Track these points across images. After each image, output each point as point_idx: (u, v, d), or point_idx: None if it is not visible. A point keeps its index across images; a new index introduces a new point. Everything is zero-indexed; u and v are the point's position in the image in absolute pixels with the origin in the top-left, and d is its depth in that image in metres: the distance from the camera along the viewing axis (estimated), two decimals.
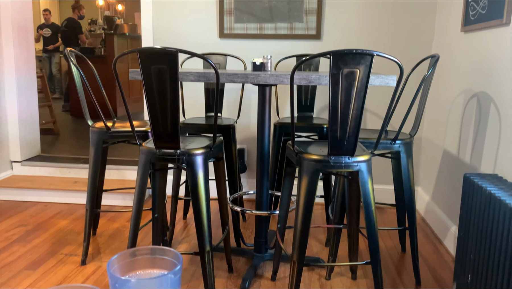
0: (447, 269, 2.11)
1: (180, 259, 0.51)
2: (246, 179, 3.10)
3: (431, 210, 2.61)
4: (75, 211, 2.82)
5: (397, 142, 1.95)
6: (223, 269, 2.13)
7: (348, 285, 1.98)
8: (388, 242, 2.41)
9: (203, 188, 1.74)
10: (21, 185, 2.96)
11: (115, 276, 0.49)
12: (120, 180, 3.08)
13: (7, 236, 2.42)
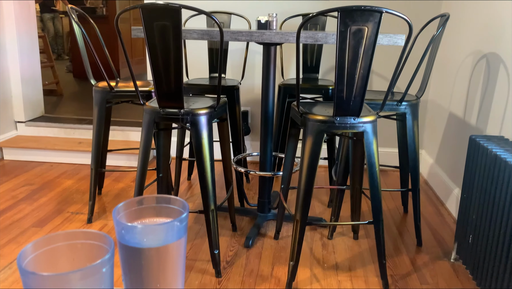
0: (448, 231, 2.13)
1: (186, 207, 0.51)
2: (249, 141, 3.10)
3: (435, 173, 2.62)
4: (80, 171, 2.84)
5: (403, 103, 1.93)
6: (227, 228, 2.16)
7: (349, 244, 2.01)
8: (390, 203, 2.43)
9: (207, 148, 1.74)
10: (26, 145, 2.97)
11: (121, 222, 0.49)
12: (124, 141, 3.09)
13: (14, 194, 2.45)
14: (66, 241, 0.47)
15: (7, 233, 2.05)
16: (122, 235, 0.50)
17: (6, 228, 2.09)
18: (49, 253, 0.45)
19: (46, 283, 0.40)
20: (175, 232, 0.51)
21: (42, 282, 0.40)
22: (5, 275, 1.74)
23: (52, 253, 0.46)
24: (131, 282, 0.53)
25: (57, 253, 0.46)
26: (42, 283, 0.41)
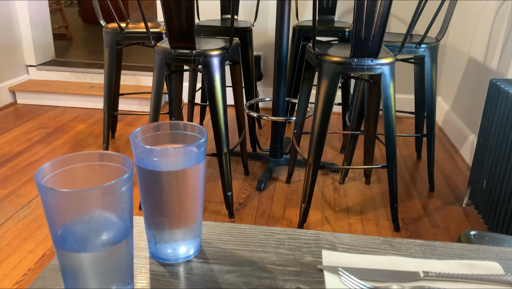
0: (461, 177, 2.12)
1: (205, 133, 0.49)
2: (262, 87, 3.05)
3: (450, 119, 2.57)
4: (93, 115, 2.85)
5: (422, 46, 1.86)
6: (239, 172, 2.17)
7: (361, 189, 2.02)
8: (403, 150, 2.41)
9: (219, 91, 1.71)
10: (38, 89, 2.97)
11: (140, 145, 0.48)
12: (135, 86, 3.06)
13: (28, 137, 2.48)
14: (83, 162, 0.46)
15: (24, 173, 2.08)
16: (141, 158, 0.50)
17: (23, 169, 2.13)
18: (67, 174, 0.45)
19: (66, 199, 0.40)
20: (194, 156, 0.50)
21: (61, 198, 0.40)
22: (25, 213, 1.79)
23: (70, 174, 0.45)
24: (150, 206, 0.53)
25: (75, 174, 0.45)
26: (61, 199, 0.40)
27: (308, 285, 0.51)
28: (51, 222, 0.42)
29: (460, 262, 0.54)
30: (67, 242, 0.42)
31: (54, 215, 0.41)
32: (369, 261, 0.54)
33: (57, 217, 0.42)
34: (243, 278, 0.52)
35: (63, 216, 0.42)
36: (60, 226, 0.42)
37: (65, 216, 0.42)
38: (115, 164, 0.46)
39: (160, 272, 0.53)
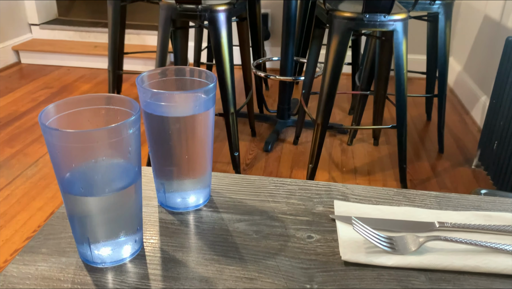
0: (471, 139, 2.10)
1: (214, 78, 0.47)
2: (269, 47, 2.99)
3: (462, 80, 2.52)
4: (98, 75, 2.81)
5: (436, 2, 1.79)
6: (246, 133, 2.16)
7: (369, 150, 2.00)
8: (413, 111, 2.37)
9: (226, 48, 1.67)
10: (42, 48, 2.93)
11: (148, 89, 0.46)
12: (140, 45, 3.01)
13: (34, 97, 2.46)
14: (89, 105, 0.44)
15: (31, 133, 2.08)
16: (148, 104, 0.48)
17: (30, 129, 2.12)
18: (72, 116, 0.43)
19: (71, 140, 0.38)
20: (203, 102, 0.48)
21: (66, 140, 0.38)
22: (32, 172, 1.79)
23: (74, 117, 0.43)
24: (158, 155, 0.51)
25: (80, 117, 0.44)
26: (66, 141, 0.38)
27: (320, 234, 0.50)
28: (57, 165, 0.41)
29: (476, 213, 0.53)
30: (74, 186, 0.41)
31: (60, 157, 0.40)
32: (382, 211, 0.53)
33: (63, 160, 0.40)
34: (254, 226, 0.51)
35: (69, 159, 0.40)
36: (66, 169, 0.41)
37: (71, 159, 0.40)
38: (122, 108, 0.44)
39: (169, 220, 0.52)
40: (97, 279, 0.43)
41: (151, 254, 0.47)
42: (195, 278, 0.44)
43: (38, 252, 0.47)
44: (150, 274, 0.44)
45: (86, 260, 0.45)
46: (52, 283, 0.43)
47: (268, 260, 0.46)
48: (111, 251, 0.45)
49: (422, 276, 0.44)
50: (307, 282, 0.43)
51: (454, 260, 0.45)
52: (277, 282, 0.43)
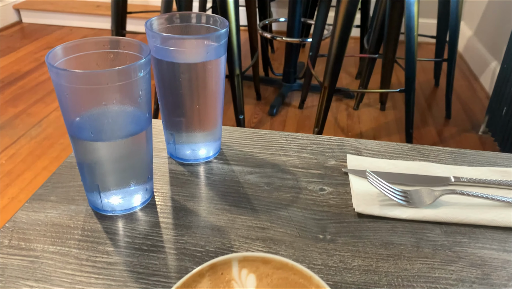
0: (479, 105, 2.07)
1: (226, 24, 0.45)
2: (276, 8, 2.91)
3: (472, 45, 2.46)
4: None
5: None
6: (251, 96, 2.13)
7: (375, 115, 1.98)
8: (421, 76, 2.33)
9: (232, 8, 1.62)
10: (43, 7, 2.86)
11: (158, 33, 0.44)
12: (144, 5, 2.94)
13: (36, 57, 2.43)
14: (98, 49, 0.42)
15: (34, 93, 2.06)
16: (158, 49, 0.46)
17: (33, 89, 2.10)
18: (80, 60, 0.41)
19: (80, 82, 0.37)
20: (214, 49, 0.46)
21: (75, 80, 0.37)
22: (36, 131, 1.79)
23: (82, 60, 0.42)
24: (168, 105, 0.50)
25: (88, 61, 0.42)
26: (75, 82, 0.37)
27: (332, 186, 0.49)
28: (66, 109, 0.39)
29: (492, 169, 0.51)
30: (84, 131, 0.40)
31: (68, 101, 0.38)
32: (396, 166, 0.52)
33: (72, 104, 0.39)
34: (265, 178, 0.50)
35: (78, 102, 0.39)
36: (75, 114, 0.40)
37: (80, 102, 0.39)
38: (131, 52, 0.42)
39: (179, 171, 0.51)
40: (107, 226, 0.43)
41: (161, 203, 0.46)
42: (207, 227, 0.43)
43: (47, 199, 0.46)
44: (161, 222, 0.44)
45: (96, 208, 0.44)
46: (62, 230, 0.42)
47: (280, 211, 0.45)
48: (121, 199, 0.44)
49: (437, 229, 0.43)
50: (320, 232, 0.43)
51: (470, 213, 0.44)
52: (290, 231, 0.43)
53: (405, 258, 0.40)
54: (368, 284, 0.37)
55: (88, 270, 0.38)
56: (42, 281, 0.37)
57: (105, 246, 0.40)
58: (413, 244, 0.41)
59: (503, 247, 0.41)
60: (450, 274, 0.38)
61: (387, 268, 0.39)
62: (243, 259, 0.30)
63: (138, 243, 0.41)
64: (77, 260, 0.39)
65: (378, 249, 0.41)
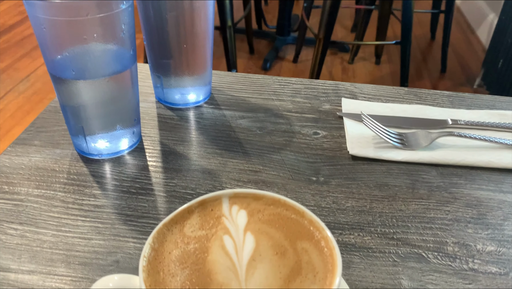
0: (475, 58, 2.04)
1: None
2: None
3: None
4: None
5: None
6: (244, 50, 2.08)
7: (370, 69, 1.95)
8: (417, 30, 2.28)
9: None
10: None
11: None
12: None
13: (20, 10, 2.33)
14: None
15: (20, 47, 2.00)
16: None
17: (19, 43, 2.04)
18: None
19: (58, 13, 0.34)
20: None
21: (53, 12, 0.34)
22: (24, 86, 1.74)
23: None
24: (154, 45, 0.47)
25: None
26: (53, 13, 0.34)
27: (326, 130, 0.48)
28: (45, 46, 0.37)
29: (490, 112, 0.50)
30: (65, 68, 0.38)
31: (47, 36, 0.36)
32: (392, 109, 0.50)
33: (51, 39, 0.36)
34: (257, 123, 0.49)
35: (57, 37, 0.36)
36: (54, 50, 0.37)
37: (59, 37, 0.36)
38: None
39: (168, 116, 0.49)
40: (93, 170, 0.41)
41: (150, 147, 0.45)
42: (198, 170, 0.42)
43: (30, 144, 0.44)
44: (149, 165, 0.42)
45: (82, 151, 0.43)
46: (47, 173, 0.41)
47: (273, 154, 0.44)
48: (108, 143, 0.42)
49: (433, 171, 0.42)
50: (313, 174, 0.42)
51: (467, 155, 0.43)
52: (282, 174, 0.42)
53: (400, 199, 0.39)
54: (362, 224, 0.37)
55: (75, 212, 0.37)
56: (27, 224, 0.36)
57: (91, 189, 0.39)
58: (408, 186, 0.41)
59: (499, 188, 0.41)
60: (445, 214, 0.38)
61: (381, 209, 0.38)
62: (234, 196, 0.29)
63: (126, 186, 0.40)
64: (63, 203, 0.38)
65: (372, 191, 0.40)
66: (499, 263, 0.34)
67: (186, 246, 0.25)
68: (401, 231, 0.36)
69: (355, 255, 0.34)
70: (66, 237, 0.35)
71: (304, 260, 0.24)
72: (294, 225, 0.27)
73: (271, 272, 0.23)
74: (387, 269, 0.33)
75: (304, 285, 0.23)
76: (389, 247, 0.35)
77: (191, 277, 0.23)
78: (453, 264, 0.33)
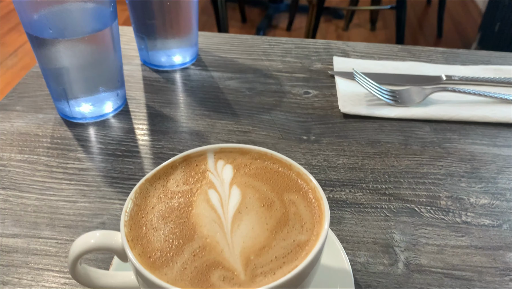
0: (472, 23, 2.00)
1: None
2: None
3: None
4: None
5: None
6: (236, 19, 2.04)
7: (366, 36, 1.91)
8: None
9: None
10: None
11: None
12: None
13: None
14: None
15: (7, 21, 1.95)
16: None
17: (5, 17, 1.98)
18: None
19: None
20: None
21: None
22: (12, 61, 1.71)
23: None
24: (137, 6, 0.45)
25: None
26: None
27: (318, 89, 0.46)
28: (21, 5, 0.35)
29: (485, 67, 0.49)
30: (42, 27, 0.36)
31: None
32: (385, 67, 0.49)
33: None
34: (246, 84, 0.47)
35: None
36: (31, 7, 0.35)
37: None
38: None
39: (154, 78, 0.48)
40: (78, 133, 0.40)
41: (136, 110, 0.43)
42: (185, 132, 0.41)
43: (12, 109, 0.43)
44: (135, 128, 0.41)
45: (65, 115, 0.42)
46: (30, 138, 0.40)
47: (262, 115, 0.43)
48: (91, 106, 0.41)
49: (427, 127, 0.41)
50: (304, 133, 0.41)
51: (461, 110, 0.42)
52: (272, 134, 0.41)
53: (393, 156, 0.38)
54: (353, 181, 0.36)
55: (59, 176, 0.36)
56: (11, 189, 0.35)
57: (76, 153, 0.38)
58: (401, 142, 0.40)
59: (493, 142, 0.40)
60: (438, 169, 0.37)
61: (373, 165, 0.37)
62: (219, 151, 0.28)
63: (112, 149, 0.39)
64: (47, 167, 0.37)
65: (364, 148, 0.39)
66: (492, 215, 0.33)
67: (170, 200, 0.24)
68: (393, 186, 0.35)
69: (346, 211, 0.33)
70: (51, 201, 0.34)
71: (291, 211, 0.24)
72: (282, 178, 0.26)
73: (258, 224, 0.23)
74: (379, 224, 0.32)
75: (291, 235, 0.22)
76: (381, 202, 0.34)
77: (175, 230, 0.22)
78: (446, 218, 0.33)
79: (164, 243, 0.22)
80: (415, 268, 0.29)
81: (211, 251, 0.21)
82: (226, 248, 0.22)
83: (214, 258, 0.21)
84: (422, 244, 0.31)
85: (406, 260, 0.30)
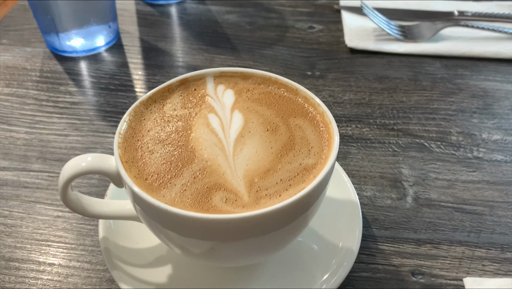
0: None
1: None
2: None
3: None
4: None
5: None
6: None
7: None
8: None
9: None
10: None
11: None
12: None
13: None
14: None
15: None
16: None
17: None
18: None
19: None
20: None
21: None
22: None
23: None
24: None
25: None
26: None
27: (323, 24, 0.44)
28: None
29: (500, 3, 0.46)
30: None
31: None
32: (395, 2, 0.46)
33: None
34: (247, 18, 0.44)
35: None
36: None
37: None
38: None
39: (148, 12, 0.45)
40: (68, 67, 0.38)
41: (129, 43, 0.41)
42: (182, 66, 0.38)
43: None
44: (129, 62, 0.39)
45: (55, 49, 0.39)
46: (18, 72, 0.37)
47: (264, 50, 0.41)
48: (82, 39, 0.38)
49: (437, 63, 0.39)
50: (308, 69, 0.38)
51: (474, 46, 0.40)
52: (275, 70, 0.38)
53: (401, 91, 0.36)
54: (360, 116, 0.34)
55: (49, 110, 0.34)
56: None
57: (67, 87, 0.36)
58: (410, 78, 0.38)
59: (507, 79, 0.38)
60: (449, 105, 0.35)
61: (381, 101, 0.35)
62: (220, 75, 0.26)
63: (104, 82, 0.37)
64: (36, 100, 0.35)
65: (371, 83, 0.37)
66: (505, 151, 0.32)
67: (167, 124, 0.22)
68: (402, 122, 0.34)
69: (352, 146, 0.32)
70: (41, 134, 0.32)
71: (298, 135, 0.22)
72: (287, 103, 0.24)
73: (261, 147, 0.21)
74: (386, 159, 0.31)
75: (297, 159, 0.21)
76: (389, 137, 0.32)
77: (174, 153, 0.21)
78: (457, 153, 0.31)
79: (162, 165, 0.20)
80: (424, 202, 0.28)
81: (213, 173, 0.20)
82: (228, 171, 0.20)
83: (216, 180, 0.20)
84: (432, 178, 0.30)
85: (415, 194, 0.29)
